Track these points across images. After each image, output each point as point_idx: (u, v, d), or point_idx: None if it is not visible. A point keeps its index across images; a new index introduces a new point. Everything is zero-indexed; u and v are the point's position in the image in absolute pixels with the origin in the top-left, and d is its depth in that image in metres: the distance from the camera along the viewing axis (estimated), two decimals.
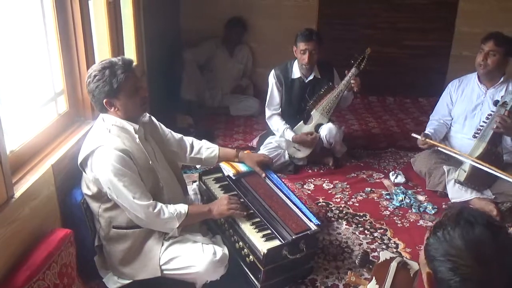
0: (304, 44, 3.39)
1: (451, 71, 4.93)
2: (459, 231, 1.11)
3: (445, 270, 1.11)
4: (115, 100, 2.12)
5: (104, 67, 2.09)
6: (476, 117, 3.27)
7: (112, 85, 2.07)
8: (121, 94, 2.11)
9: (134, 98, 2.15)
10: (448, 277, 1.10)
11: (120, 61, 2.12)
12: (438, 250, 1.13)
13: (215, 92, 4.85)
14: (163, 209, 2.13)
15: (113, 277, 2.27)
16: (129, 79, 2.11)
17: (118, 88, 2.08)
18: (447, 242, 1.12)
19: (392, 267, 1.68)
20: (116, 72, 2.07)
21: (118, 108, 2.14)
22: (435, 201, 3.20)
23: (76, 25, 2.40)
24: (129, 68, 2.13)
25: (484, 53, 3.11)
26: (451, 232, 1.12)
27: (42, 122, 2.26)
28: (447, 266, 1.10)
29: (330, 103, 3.47)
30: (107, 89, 2.08)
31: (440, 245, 1.13)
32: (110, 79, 2.06)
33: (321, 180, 3.48)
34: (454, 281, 1.09)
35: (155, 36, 3.94)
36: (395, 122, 4.61)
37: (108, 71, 2.07)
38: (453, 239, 1.11)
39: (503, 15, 4.70)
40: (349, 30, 4.99)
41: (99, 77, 2.07)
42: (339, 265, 2.56)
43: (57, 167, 2.13)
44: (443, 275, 1.11)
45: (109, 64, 2.10)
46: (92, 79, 2.09)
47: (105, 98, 2.10)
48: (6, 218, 1.73)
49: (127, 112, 2.16)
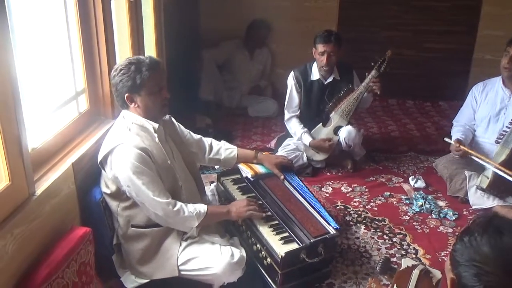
0: (323, 46, 3.37)
1: (473, 75, 4.85)
2: (487, 238, 1.08)
3: (469, 276, 1.08)
4: (136, 96, 2.14)
5: (131, 62, 2.13)
6: (499, 122, 3.21)
7: (135, 80, 2.10)
8: (143, 91, 2.13)
9: (155, 97, 2.17)
10: (471, 284, 1.07)
11: (147, 60, 2.15)
12: (464, 255, 1.10)
13: (233, 93, 4.84)
14: (183, 208, 2.13)
15: (131, 276, 2.28)
16: (152, 78, 2.13)
17: (140, 85, 2.11)
18: (473, 248, 1.09)
19: (414, 275, 1.65)
20: (141, 69, 2.10)
21: (139, 104, 2.16)
22: (455, 207, 3.14)
23: (98, 24, 2.41)
24: (155, 67, 2.15)
25: (509, 56, 3.05)
26: (478, 238, 1.09)
27: (64, 120, 2.28)
28: (471, 271, 1.07)
29: (350, 105, 3.43)
30: (130, 84, 2.10)
31: (466, 251, 1.10)
32: (134, 74, 2.09)
33: (339, 183, 3.45)
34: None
35: (175, 35, 3.96)
36: (415, 126, 4.55)
37: (134, 67, 2.10)
38: (480, 246, 1.08)
39: None
40: (369, 32, 4.94)
41: (124, 71, 2.10)
42: (357, 270, 2.52)
43: (77, 165, 2.14)
44: (466, 281, 1.08)
45: (136, 60, 2.14)
46: (117, 73, 2.12)
47: (127, 92, 2.13)
48: (27, 215, 1.74)
49: (146, 110, 2.18)
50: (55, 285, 1.75)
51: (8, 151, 1.64)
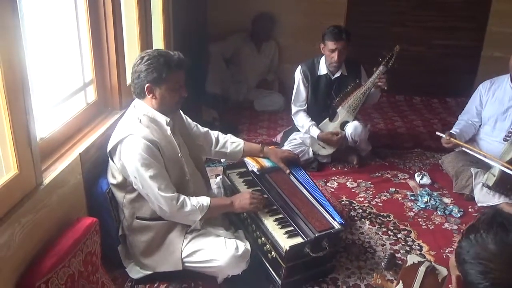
0: (334, 43, 3.34)
1: (481, 72, 4.80)
2: (492, 235, 1.08)
3: (474, 273, 1.07)
4: (157, 88, 2.14)
5: (161, 54, 2.13)
6: (507, 120, 3.18)
7: (161, 73, 2.10)
8: (164, 85, 2.14)
9: (173, 94, 2.18)
10: (477, 281, 1.07)
11: (176, 56, 2.15)
12: (469, 252, 1.10)
13: (240, 86, 4.83)
14: (186, 202, 2.13)
15: (136, 267, 2.29)
16: (177, 75, 2.16)
17: (165, 79, 2.12)
18: (479, 245, 1.09)
19: (421, 272, 1.64)
20: (170, 64, 2.11)
21: (156, 97, 2.16)
22: (461, 204, 3.13)
23: (107, 16, 2.41)
24: (182, 65, 2.17)
25: None
26: (484, 235, 1.09)
27: (72, 111, 2.29)
28: (477, 269, 1.07)
29: (357, 100, 3.42)
30: (155, 76, 2.11)
31: (471, 248, 1.10)
32: (162, 67, 2.10)
33: (344, 178, 3.44)
34: (484, 286, 1.06)
35: (183, 29, 3.95)
36: (421, 122, 4.53)
37: (163, 60, 2.10)
38: (485, 243, 1.08)
39: None
40: (377, 27, 4.90)
41: (152, 61, 2.10)
42: (361, 265, 2.52)
43: (84, 156, 2.15)
44: (472, 278, 1.08)
45: (166, 53, 2.15)
46: (143, 61, 2.12)
47: (149, 83, 2.13)
48: (34, 204, 1.76)
49: (162, 103, 2.18)
50: (61, 274, 1.77)
51: (17, 141, 1.65)
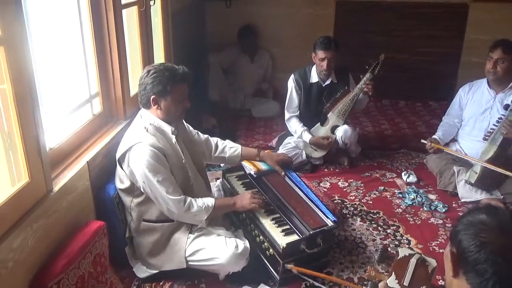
0: (323, 52, 3.35)
1: (461, 77, 4.82)
2: (484, 212, 1.11)
3: (467, 237, 1.08)
4: (162, 100, 2.15)
5: (166, 68, 2.14)
6: (485, 120, 3.19)
7: (166, 86, 2.11)
8: (169, 97, 2.14)
9: (177, 105, 2.18)
10: (469, 244, 1.07)
11: (181, 70, 2.16)
12: (463, 222, 1.12)
13: (237, 95, 4.84)
14: (192, 203, 2.13)
15: (142, 267, 2.28)
16: (181, 88, 2.16)
17: (169, 91, 2.12)
18: (471, 216, 1.12)
19: (412, 263, 1.64)
20: (175, 77, 2.12)
21: (161, 108, 2.16)
22: (445, 200, 3.13)
23: (110, 32, 2.41)
24: (186, 79, 2.17)
25: (493, 61, 3.03)
26: (477, 213, 1.12)
27: (79, 122, 2.28)
28: (469, 232, 1.08)
29: (346, 106, 3.42)
30: (160, 89, 2.11)
31: (464, 219, 1.13)
32: (167, 81, 2.10)
33: (336, 179, 3.43)
34: (475, 246, 1.06)
35: (183, 41, 3.95)
36: (407, 125, 4.53)
37: (168, 73, 2.11)
38: (476, 215, 1.11)
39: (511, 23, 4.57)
40: (363, 37, 4.91)
41: (157, 75, 2.11)
42: (353, 259, 2.51)
43: (92, 163, 2.14)
44: (465, 243, 1.08)
45: (171, 67, 2.15)
46: (149, 74, 2.12)
47: (154, 95, 2.13)
48: (45, 210, 1.75)
49: (167, 114, 2.18)
50: (72, 275, 1.76)
51: (28, 151, 1.64)
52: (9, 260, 1.53)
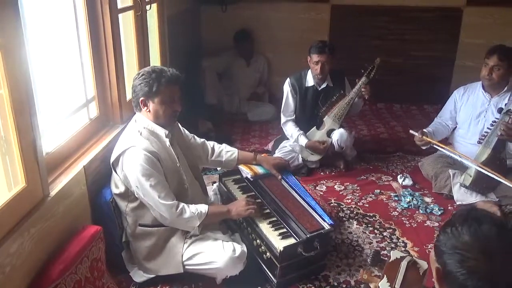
0: (317, 56, 3.37)
1: (455, 80, 4.85)
2: (467, 228, 1.10)
3: (453, 262, 1.09)
4: (150, 102, 2.15)
5: (154, 70, 2.15)
6: (480, 124, 3.21)
7: (152, 87, 2.11)
8: (156, 98, 2.14)
9: (166, 107, 2.17)
10: (455, 270, 1.08)
11: (169, 72, 2.16)
12: (447, 244, 1.11)
13: (233, 99, 4.84)
14: (185, 209, 2.12)
15: (139, 271, 2.28)
16: (168, 89, 2.15)
17: (155, 92, 2.12)
18: (455, 237, 1.11)
19: (403, 266, 1.65)
20: (161, 79, 2.12)
21: (150, 110, 2.16)
22: (441, 203, 3.14)
23: (106, 36, 2.41)
24: (174, 80, 2.16)
25: (489, 68, 3.04)
26: (459, 228, 1.11)
27: (75, 126, 2.28)
28: (455, 258, 1.08)
29: (342, 109, 3.44)
30: (147, 90, 2.12)
31: (448, 240, 1.12)
32: (153, 82, 2.11)
33: (332, 182, 3.44)
34: (461, 273, 1.07)
35: (178, 45, 3.96)
36: (402, 128, 4.54)
37: (154, 75, 2.12)
38: (460, 234, 1.10)
39: (504, 28, 4.62)
40: (358, 41, 4.93)
41: (145, 77, 2.13)
42: (350, 262, 2.52)
43: (88, 168, 2.14)
44: (451, 267, 1.09)
45: (159, 70, 2.16)
46: (139, 76, 2.15)
47: (142, 96, 2.14)
48: (42, 215, 1.75)
49: (156, 116, 2.18)
50: (69, 280, 1.75)
51: (24, 156, 1.64)
52: (7, 265, 1.53)
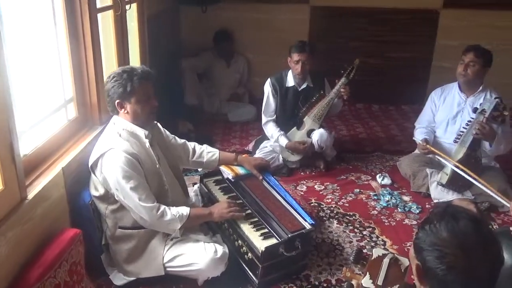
0: (298, 55, 3.40)
1: (432, 81, 4.94)
2: (444, 224, 1.13)
3: (432, 259, 1.12)
4: (126, 103, 2.12)
5: (124, 71, 2.12)
6: (457, 123, 3.28)
7: (126, 88, 2.08)
8: (132, 98, 2.11)
9: (143, 105, 2.15)
10: (435, 266, 1.11)
11: (140, 69, 2.14)
12: (426, 241, 1.14)
13: (213, 99, 4.83)
14: (166, 211, 2.11)
15: (119, 274, 2.25)
16: (142, 87, 2.11)
17: (130, 92, 2.09)
18: (433, 233, 1.14)
19: (385, 263, 1.68)
20: (133, 77, 2.09)
21: (128, 111, 2.14)
22: (419, 201, 3.20)
23: (85, 36, 2.38)
24: (146, 77, 2.13)
25: (464, 64, 3.13)
26: (437, 225, 1.14)
27: (53, 127, 2.24)
28: (434, 255, 1.12)
29: (322, 110, 3.47)
30: (121, 91, 2.09)
31: (427, 237, 1.15)
32: (126, 82, 2.08)
33: (313, 182, 3.47)
34: (441, 269, 1.10)
35: (158, 45, 3.93)
36: (380, 128, 4.61)
37: (126, 75, 2.09)
38: (439, 231, 1.13)
39: (479, 30, 4.72)
40: (338, 42, 4.98)
41: (117, 78, 2.09)
42: (331, 261, 2.54)
43: (67, 170, 2.10)
44: (430, 264, 1.12)
45: (130, 69, 2.13)
46: (110, 79, 2.11)
47: (118, 99, 2.11)
48: (20, 218, 1.71)
49: (135, 116, 2.15)
50: (47, 284, 1.72)
51: (1, 158, 1.61)
52: None
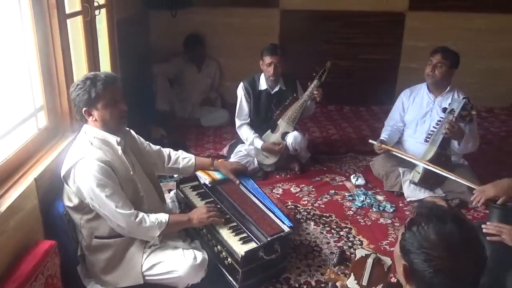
0: (270, 57, 3.42)
1: (400, 82, 5.06)
2: (432, 227, 1.16)
3: (419, 261, 1.14)
4: (93, 110, 2.08)
5: (88, 78, 2.07)
6: (426, 123, 3.37)
7: (90, 94, 2.04)
8: (99, 104, 2.07)
9: (111, 110, 2.10)
10: (422, 269, 1.13)
11: (103, 75, 2.09)
12: (414, 244, 1.16)
13: (185, 105, 4.80)
14: (145, 218, 2.08)
15: (96, 285, 2.20)
16: (107, 91, 2.07)
17: (96, 98, 2.05)
18: (421, 236, 1.16)
19: (369, 263, 1.71)
20: (96, 83, 2.04)
21: (96, 118, 2.09)
22: (392, 200, 3.26)
23: (55, 42, 2.32)
24: (110, 81, 2.09)
25: (432, 65, 3.22)
26: (425, 227, 1.16)
27: (24, 137, 2.17)
28: (421, 258, 1.14)
29: (295, 112, 3.50)
30: (86, 98, 2.04)
31: (415, 240, 1.17)
32: (89, 88, 2.03)
33: (288, 185, 3.49)
34: (428, 272, 1.12)
35: (129, 51, 3.87)
36: (352, 129, 4.68)
37: (89, 81, 2.05)
38: (426, 234, 1.15)
39: (445, 31, 4.88)
40: (308, 45, 5.03)
41: (81, 86, 2.05)
42: (310, 263, 2.56)
43: (39, 180, 2.04)
44: (418, 266, 1.15)
45: (93, 76, 2.08)
46: (74, 88, 2.07)
47: (84, 107, 2.06)
48: None
49: (104, 123, 2.11)
50: None
51: None
52: None
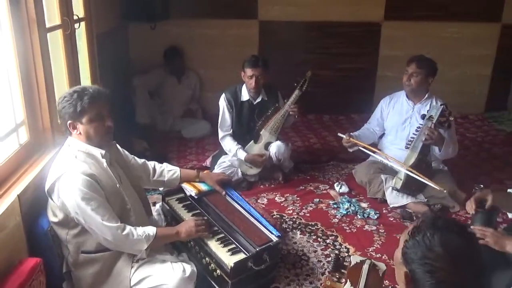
0: (251, 70, 3.43)
1: (378, 90, 5.17)
2: (438, 238, 1.14)
3: (422, 272, 1.13)
4: (78, 123, 2.06)
5: (75, 91, 2.05)
6: (406, 129, 3.44)
7: (76, 108, 2.02)
8: (83, 118, 2.05)
9: (96, 125, 2.07)
10: (424, 279, 1.13)
11: (91, 89, 2.08)
12: (417, 253, 1.15)
13: (166, 117, 4.78)
14: (132, 231, 2.05)
15: None
16: (93, 106, 2.05)
17: (81, 112, 2.03)
18: (426, 246, 1.14)
19: (364, 269, 1.72)
20: (83, 97, 2.02)
21: (80, 132, 2.07)
22: (376, 207, 3.30)
23: (35, 56, 2.29)
24: (97, 96, 2.07)
25: (408, 75, 3.31)
26: (431, 238, 1.15)
27: (5, 153, 2.12)
28: (424, 269, 1.13)
29: (278, 122, 3.52)
30: (71, 111, 2.03)
31: (419, 249, 1.15)
32: (76, 102, 2.02)
33: (273, 194, 3.50)
34: (430, 283, 1.12)
35: (109, 64, 3.84)
36: (333, 138, 4.70)
37: (76, 95, 2.03)
38: (432, 245, 1.14)
39: (420, 40, 5.01)
40: (288, 55, 5.07)
41: (67, 98, 2.03)
42: (298, 272, 2.57)
43: (22, 197, 2.00)
44: (420, 276, 1.14)
45: (81, 89, 2.07)
46: (61, 100, 2.05)
47: (69, 119, 2.05)
48: None
49: (88, 137, 2.09)
50: None
51: None
52: None
